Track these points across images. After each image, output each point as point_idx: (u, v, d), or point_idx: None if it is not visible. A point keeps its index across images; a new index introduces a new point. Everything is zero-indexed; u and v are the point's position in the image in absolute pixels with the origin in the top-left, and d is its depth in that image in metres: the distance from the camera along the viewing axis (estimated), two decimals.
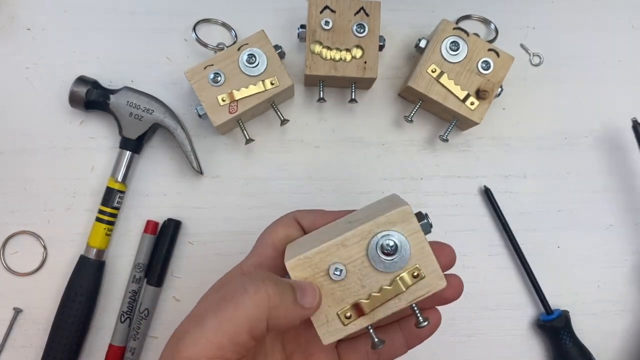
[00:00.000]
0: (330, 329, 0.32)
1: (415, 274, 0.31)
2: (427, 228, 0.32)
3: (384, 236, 0.31)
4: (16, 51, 0.53)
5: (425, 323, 0.32)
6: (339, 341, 0.38)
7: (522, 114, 0.55)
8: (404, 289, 0.31)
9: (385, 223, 0.31)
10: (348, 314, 0.31)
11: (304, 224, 0.37)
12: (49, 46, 0.53)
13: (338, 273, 0.31)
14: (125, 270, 0.51)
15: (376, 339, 0.32)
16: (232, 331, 0.29)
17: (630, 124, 0.51)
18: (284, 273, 0.33)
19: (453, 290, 0.35)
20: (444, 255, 0.35)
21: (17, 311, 0.51)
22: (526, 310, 0.53)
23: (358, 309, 0.31)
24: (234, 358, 0.29)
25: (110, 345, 0.50)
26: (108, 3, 0.54)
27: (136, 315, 0.50)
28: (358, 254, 0.31)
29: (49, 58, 0.53)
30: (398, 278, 0.31)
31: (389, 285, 0.31)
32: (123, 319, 0.50)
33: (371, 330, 0.32)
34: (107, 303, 0.51)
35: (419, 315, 0.32)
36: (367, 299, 0.31)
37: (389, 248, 0.31)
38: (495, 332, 0.52)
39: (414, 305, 0.32)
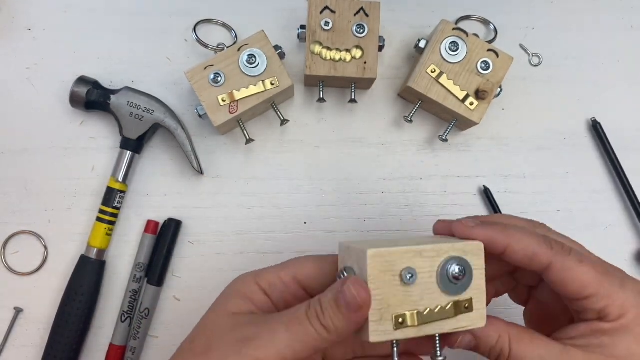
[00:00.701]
0: (380, 329, 0.32)
1: (467, 305, 0.33)
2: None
3: (457, 260, 0.33)
4: (17, 51, 0.53)
5: (441, 358, 0.34)
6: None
7: (522, 114, 0.55)
8: (453, 315, 0.33)
9: (461, 250, 0.33)
10: (401, 320, 0.32)
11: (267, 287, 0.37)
12: (49, 46, 0.53)
13: (409, 277, 0.32)
14: (125, 270, 0.52)
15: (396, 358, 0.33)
16: (299, 349, 0.31)
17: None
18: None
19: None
20: None
21: (18, 311, 0.51)
22: None
23: (412, 319, 0.32)
24: None
25: (111, 345, 0.50)
26: (109, 3, 0.54)
27: (137, 315, 0.50)
28: (430, 268, 0.33)
29: (50, 58, 0.53)
30: (453, 303, 0.33)
31: (445, 308, 0.33)
32: (123, 318, 0.50)
33: (395, 348, 0.33)
34: (107, 303, 0.51)
35: (438, 348, 0.34)
36: (424, 313, 0.32)
37: (460, 272, 0.33)
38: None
39: (437, 336, 0.34)
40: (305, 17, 0.49)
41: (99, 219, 0.50)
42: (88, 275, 0.49)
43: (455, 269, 0.32)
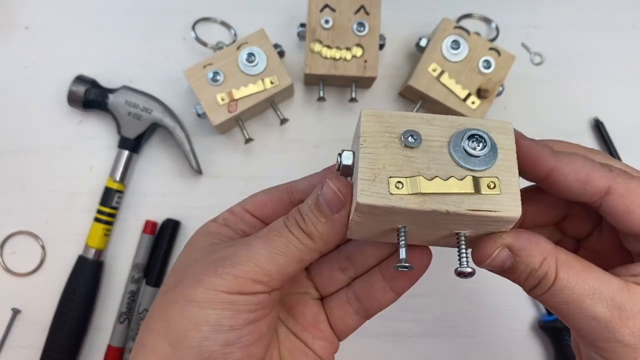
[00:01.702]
0: (372, 189, 0.26)
1: (492, 185, 0.26)
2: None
3: (476, 134, 0.27)
4: (15, 50, 0.53)
5: (469, 269, 0.27)
6: (324, 298, 0.36)
7: (523, 113, 0.55)
8: (473, 192, 0.26)
9: (483, 124, 0.27)
10: (401, 184, 0.26)
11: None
12: (47, 45, 0.53)
13: (413, 140, 0.26)
14: (123, 271, 0.51)
15: (404, 256, 0.27)
16: (282, 262, 0.29)
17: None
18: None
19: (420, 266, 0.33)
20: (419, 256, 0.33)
21: (16, 312, 0.50)
22: (527, 311, 0.52)
23: (414, 185, 0.26)
24: (276, 286, 0.29)
25: (109, 346, 0.49)
26: (107, 2, 0.54)
27: (135, 316, 0.50)
28: (440, 137, 0.27)
29: (48, 57, 0.53)
30: (472, 177, 0.26)
31: (460, 180, 0.26)
32: (122, 319, 0.49)
33: (402, 242, 0.27)
34: (105, 303, 0.51)
35: (463, 252, 0.27)
36: (429, 180, 0.26)
37: (480, 143, 0.26)
38: (496, 333, 0.52)
39: (463, 239, 0.27)
40: (305, 15, 0.49)
41: (96, 219, 0.49)
42: (86, 275, 0.49)
43: (474, 139, 0.27)
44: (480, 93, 0.48)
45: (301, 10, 0.53)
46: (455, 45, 0.49)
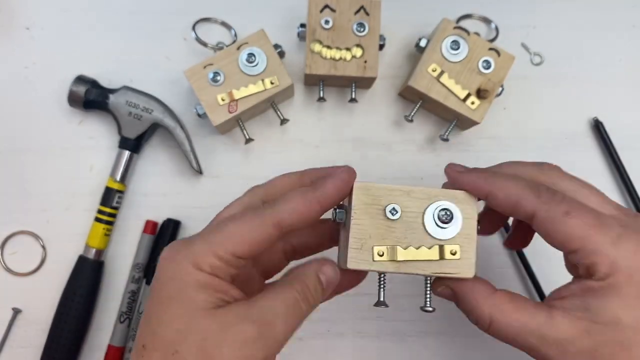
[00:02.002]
0: (359, 257, 0.33)
1: (454, 252, 0.33)
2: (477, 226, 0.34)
3: (444, 207, 0.33)
4: (15, 50, 0.53)
5: (430, 309, 0.34)
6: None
7: (523, 114, 0.55)
8: (437, 259, 0.33)
9: (451, 196, 0.34)
10: (381, 253, 0.33)
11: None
12: (48, 45, 0.53)
13: (394, 213, 0.33)
14: (124, 271, 0.51)
15: (382, 298, 0.34)
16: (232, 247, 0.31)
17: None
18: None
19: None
20: None
21: (16, 311, 0.51)
22: None
23: (392, 253, 0.33)
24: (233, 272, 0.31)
25: (110, 346, 0.50)
26: (107, 2, 0.54)
27: (135, 316, 0.50)
28: (416, 208, 0.33)
29: (48, 57, 0.53)
30: (439, 246, 0.33)
31: (429, 249, 0.33)
32: (122, 319, 0.50)
33: (382, 285, 0.34)
34: (106, 303, 0.51)
35: (427, 295, 0.34)
36: (404, 249, 0.33)
37: (447, 216, 0.33)
38: None
39: (428, 282, 0.34)
40: (305, 15, 0.49)
41: (97, 219, 0.49)
42: (86, 275, 0.49)
43: (442, 212, 0.33)
44: (480, 93, 0.48)
45: (301, 11, 0.53)
46: (455, 45, 0.49)
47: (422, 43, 0.50)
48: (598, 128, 0.54)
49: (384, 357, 0.52)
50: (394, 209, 0.33)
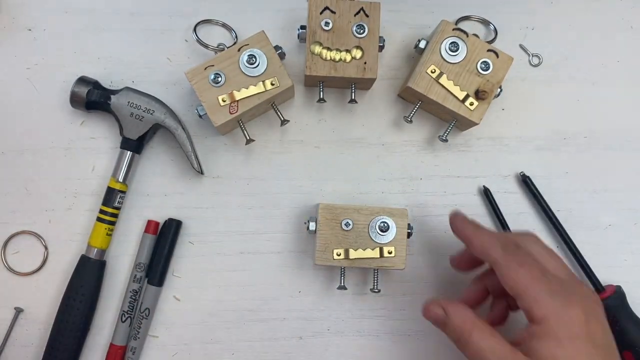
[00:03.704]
0: (322, 257, 0.47)
1: (390, 251, 0.47)
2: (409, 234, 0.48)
3: (384, 220, 0.47)
4: (17, 52, 0.53)
5: (377, 290, 0.49)
6: None
7: (522, 115, 0.55)
8: (379, 257, 0.48)
9: (388, 213, 0.48)
10: (339, 253, 0.47)
11: None
12: (50, 47, 0.53)
13: (348, 225, 0.47)
14: (126, 270, 0.52)
15: (342, 284, 0.49)
16: None
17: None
18: None
19: None
20: None
21: (18, 311, 0.51)
22: None
23: (346, 254, 0.47)
24: None
25: (111, 345, 0.50)
26: (109, 4, 0.54)
27: (137, 315, 0.50)
28: (364, 221, 0.48)
29: (50, 58, 0.53)
30: (379, 248, 0.48)
31: (372, 250, 0.48)
32: (124, 318, 0.50)
33: (342, 272, 0.49)
34: (108, 302, 0.51)
35: (375, 281, 0.49)
36: (355, 250, 0.47)
37: (385, 227, 0.47)
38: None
39: (376, 272, 0.49)
40: (305, 17, 0.49)
41: (99, 219, 0.50)
42: (88, 275, 0.49)
43: (381, 224, 0.47)
44: (479, 94, 0.49)
45: (301, 13, 0.54)
46: (454, 47, 0.49)
47: (421, 44, 0.51)
48: (526, 182, 0.55)
49: (384, 357, 0.52)
50: (347, 222, 0.47)
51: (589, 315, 0.36)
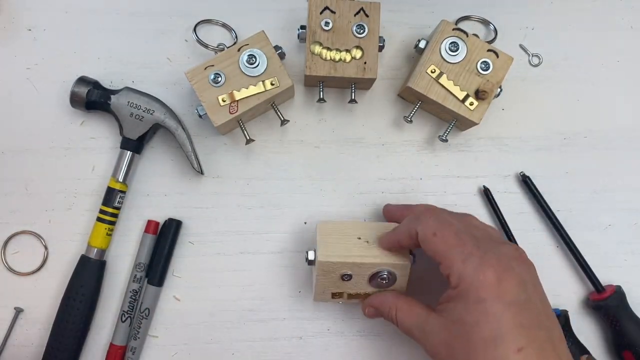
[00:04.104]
0: (320, 297, 0.48)
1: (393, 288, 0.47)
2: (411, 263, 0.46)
3: (385, 274, 0.45)
4: (17, 52, 0.53)
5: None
6: None
7: (521, 115, 0.55)
8: (368, 294, 0.47)
9: (391, 265, 0.45)
10: (338, 295, 0.47)
11: None
12: (50, 47, 0.53)
13: (346, 278, 0.46)
14: (126, 270, 0.52)
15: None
16: None
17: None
18: None
19: None
20: None
21: (18, 311, 0.51)
22: None
23: (345, 296, 0.47)
24: None
25: (111, 345, 0.50)
26: (109, 4, 0.54)
27: (137, 315, 0.50)
28: (364, 273, 0.45)
29: (50, 58, 0.53)
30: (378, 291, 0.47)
31: (370, 293, 0.47)
32: (124, 318, 0.50)
33: (341, 303, 0.51)
34: (108, 302, 0.51)
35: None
36: (351, 293, 0.47)
37: (386, 279, 0.45)
38: None
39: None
40: (305, 17, 0.49)
41: (99, 219, 0.50)
42: (88, 275, 0.49)
43: (383, 278, 0.45)
44: (479, 94, 0.49)
45: (301, 13, 0.54)
46: (454, 47, 0.49)
47: (421, 44, 0.51)
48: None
49: (384, 357, 0.52)
50: (347, 274, 0.45)
51: (501, 274, 0.37)
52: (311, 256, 0.46)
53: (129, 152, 0.50)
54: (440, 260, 0.39)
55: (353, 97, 0.51)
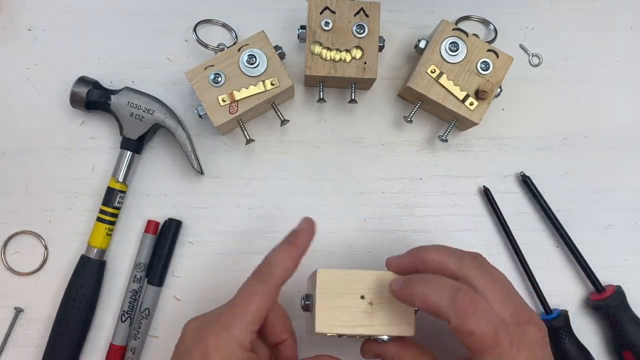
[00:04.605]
0: (329, 331, 0.42)
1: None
2: None
3: (384, 338, 0.42)
4: (17, 52, 0.53)
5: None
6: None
7: (521, 115, 0.55)
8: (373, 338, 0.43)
9: (389, 332, 0.42)
10: (338, 335, 0.42)
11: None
12: (50, 47, 0.53)
13: (345, 336, 0.43)
14: (126, 270, 0.52)
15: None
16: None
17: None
18: None
19: None
20: None
21: (18, 311, 0.51)
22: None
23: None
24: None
25: (111, 345, 0.50)
26: (109, 4, 0.54)
27: (137, 315, 0.50)
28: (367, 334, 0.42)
29: (50, 58, 0.53)
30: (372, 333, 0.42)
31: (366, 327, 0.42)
32: (124, 318, 0.50)
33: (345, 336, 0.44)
34: (108, 302, 0.51)
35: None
36: (346, 338, 0.43)
37: (389, 338, 0.42)
38: None
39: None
40: (305, 17, 0.49)
41: (99, 219, 0.50)
42: (88, 275, 0.49)
43: (384, 340, 0.42)
44: (479, 94, 0.49)
45: (301, 13, 0.54)
46: (454, 47, 0.49)
47: (421, 44, 0.51)
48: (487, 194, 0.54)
49: None
50: (345, 335, 0.42)
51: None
52: (308, 300, 0.43)
53: (129, 152, 0.50)
54: (473, 354, 0.37)
55: (353, 97, 0.51)
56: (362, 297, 0.42)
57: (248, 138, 0.50)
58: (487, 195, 0.53)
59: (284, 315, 0.43)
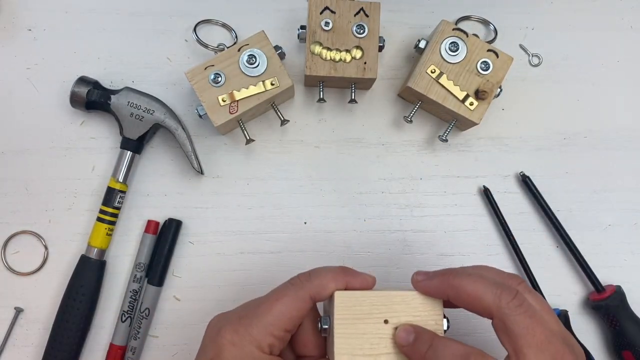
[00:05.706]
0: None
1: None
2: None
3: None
4: (17, 52, 0.53)
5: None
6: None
7: (521, 115, 0.55)
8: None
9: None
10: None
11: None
12: (50, 47, 0.53)
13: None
14: (126, 270, 0.52)
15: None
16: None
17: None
18: None
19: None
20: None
21: (18, 311, 0.51)
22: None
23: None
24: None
25: (111, 345, 0.50)
26: (109, 4, 0.54)
27: (137, 315, 0.50)
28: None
29: (50, 58, 0.53)
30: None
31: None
32: (124, 318, 0.50)
33: None
34: (108, 302, 0.51)
35: None
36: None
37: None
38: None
39: None
40: (305, 17, 0.49)
41: (99, 219, 0.50)
42: (88, 275, 0.49)
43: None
44: (479, 94, 0.49)
45: (301, 13, 0.54)
46: (454, 47, 0.49)
47: (421, 44, 0.51)
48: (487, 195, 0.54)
49: None
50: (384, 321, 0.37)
51: None
52: (326, 324, 0.38)
53: (129, 152, 0.50)
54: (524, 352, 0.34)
55: (353, 97, 0.51)
56: (386, 322, 0.37)
57: (248, 138, 0.50)
58: (487, 195, 0.53)
59: (318, 332, 0.40)
